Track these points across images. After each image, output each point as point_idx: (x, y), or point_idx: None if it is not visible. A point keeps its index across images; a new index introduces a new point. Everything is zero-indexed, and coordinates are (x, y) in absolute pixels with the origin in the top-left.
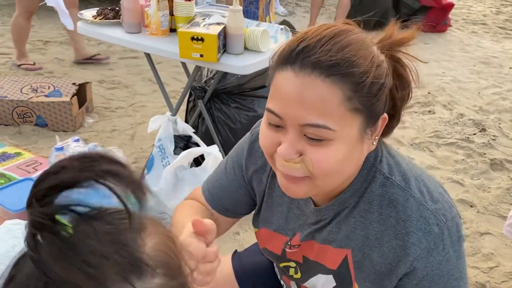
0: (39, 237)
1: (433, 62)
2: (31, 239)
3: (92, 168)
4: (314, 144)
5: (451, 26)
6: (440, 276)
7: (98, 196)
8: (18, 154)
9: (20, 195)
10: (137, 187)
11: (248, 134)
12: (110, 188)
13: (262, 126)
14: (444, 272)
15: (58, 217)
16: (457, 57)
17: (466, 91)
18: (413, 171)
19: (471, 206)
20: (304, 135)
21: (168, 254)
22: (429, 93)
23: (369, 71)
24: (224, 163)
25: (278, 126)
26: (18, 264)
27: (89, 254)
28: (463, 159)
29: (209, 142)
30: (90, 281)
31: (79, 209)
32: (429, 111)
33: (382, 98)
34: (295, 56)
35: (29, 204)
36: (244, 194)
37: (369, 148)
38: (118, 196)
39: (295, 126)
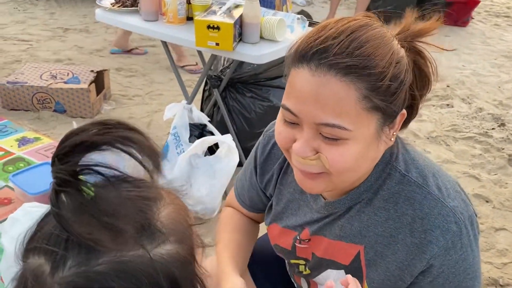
0: (61, 193)
1: (453, 55)
2: (53, 195)
3: (112, 133)
4: (329, 142)
5: (473, 18)
6: (455, 275)
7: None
8: (37, 139)
9: (39, 179)
10: (153, 153)
11: (261, 137)
12: (129, 153)
13: (278, 122)
14: (460, 271)
15: (81, 177)
16: (478, 50)
17: (486, 84)
18: (430, 168)
19: (487, 201)
20: (320, 133)
21: (181, 223)
22: (448, 86)
23: (387, 69)
24: (245, 166)
25: (293, 123)
26: (45, 219)
27: (108, 212)
28: (481, 154)
29: (224, 131)
30: (107, 237)
31: (101, 170)
32: (447, 105)
33: (401, 95)
34: (311, 55)
35: (53, 163)
36: (262, 194)
37: (386, 145)
38: (139, 161)
39: (311, 125)
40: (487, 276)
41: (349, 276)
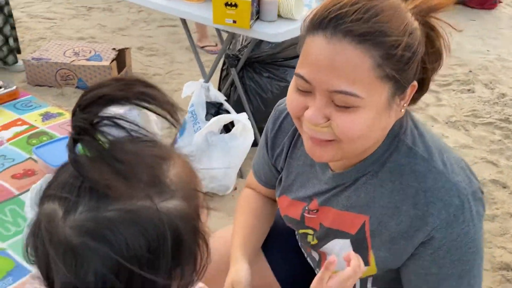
0: (79, 141)
1: (477, 39)
2: (71, 142)
3: (132, 89)
4: (341, 110)
5: (501, 2)
6: (456, 248)
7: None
8: (60, 114)
9: (61, 152)
10: (171, 107)
11: (272, 112)
12: (148, 108)
13: (290, 91)
14: (461, 244)
15: (97, 134)
16: (505, 35)
17: (510, 70)
18: (436, 144)
19: (504, 187)
20: (332, 101)
21: (188, 183)
22: (470, 71)
23: (401, 39)
24: (259, 142)
25: (306, 91)
26: (62, 168)
27: (122, 160)
28: (500, 140)
29: (240, 110)
30: (120, 183)
31: (120, 122)
32: (469, 90)
33: (413, 66)
34: (327, 22)
35: (73, 113)
36: (274, 169)
37: (396, 115)
38: (158, 114)
39: (324, 92)
40: (499, 260)
41: (351, 252)
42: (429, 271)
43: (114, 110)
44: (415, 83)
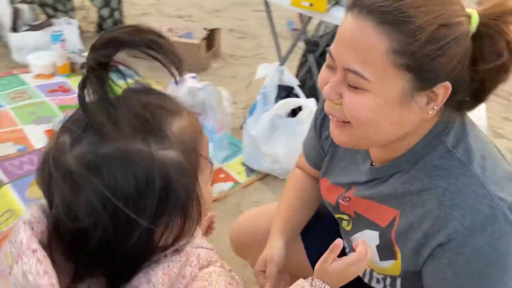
0: (87, 80)
1: None
2: (81, 80)
3: (142, 35)
4: (351, 89)
5: None
6: (478, 260)
7: None
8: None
9: None
10: (177, 59)
11: None
12: (153, 57)
13: (323, 67)
14: (485, 257)
15: (104, 75)
16: None
17: None
18: (482, 149)
19: None
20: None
21: (190, 139)
22: None
23: (426, 28)
24: (311, 122)
25: (332, 68)
26: (78, 109)
27: (116, 105)
28: None
29: (313, 97)
30: (109, 127)
31: (122, 68)
32: None
33: (441, 61)
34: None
35: (89, 53)
36: (321, 150)
37: (419, 115)
38: (163, 63)
39: (341, 69)
40: None
41: (360, 239)
42: (445, 276)
43: (192, 85)
44: (447, 84)
